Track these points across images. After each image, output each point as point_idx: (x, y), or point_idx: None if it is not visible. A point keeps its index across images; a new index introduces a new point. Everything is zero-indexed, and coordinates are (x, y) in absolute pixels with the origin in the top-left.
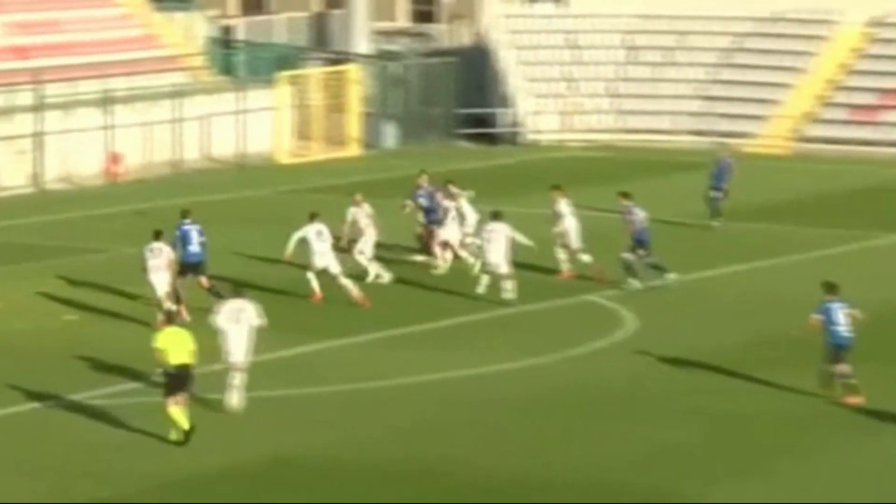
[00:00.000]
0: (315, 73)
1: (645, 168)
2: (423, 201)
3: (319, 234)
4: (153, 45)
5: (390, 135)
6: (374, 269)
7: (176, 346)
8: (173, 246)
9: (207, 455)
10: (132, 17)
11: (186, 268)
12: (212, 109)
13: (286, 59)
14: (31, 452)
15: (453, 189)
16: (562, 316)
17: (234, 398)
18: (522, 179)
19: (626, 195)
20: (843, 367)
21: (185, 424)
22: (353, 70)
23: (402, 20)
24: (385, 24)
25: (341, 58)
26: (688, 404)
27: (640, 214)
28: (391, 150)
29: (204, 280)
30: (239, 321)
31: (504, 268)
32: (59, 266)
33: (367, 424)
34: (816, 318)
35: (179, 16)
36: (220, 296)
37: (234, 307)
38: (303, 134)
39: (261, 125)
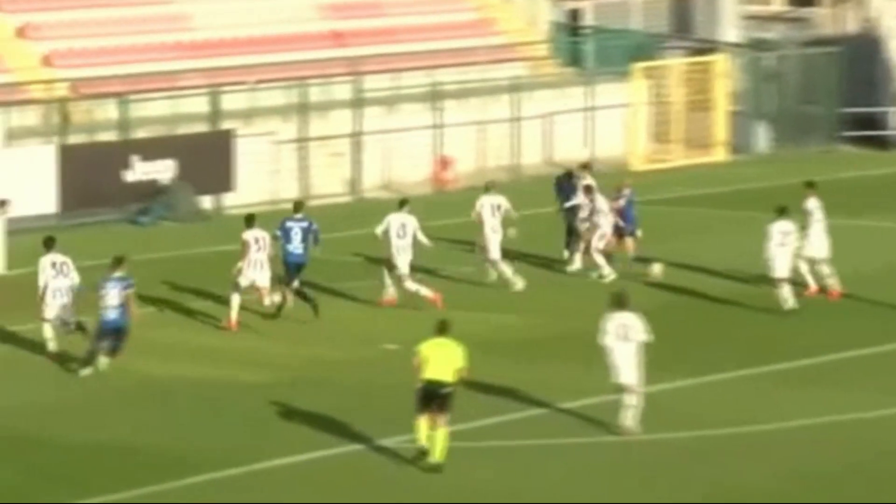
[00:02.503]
0: (675, 64)
1: None
2: (622, 202)
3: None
4: (488, 31)
5: (762, 137)
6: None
7: (439, 359)
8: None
9: None
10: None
11: (286, 266)
12: (555, 106)
13: (642, 47)
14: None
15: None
16: None
17: (629, 418)
18: None
19: None
20: None
21: (423, 441)
22: (719, 61)
23: (777, 3)
24: (757, 9)
25: (706, 47)
26: None
27: None
28: (763, 156)
29: (295, 283)
30: (626, 338)
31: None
32: (374, 288)
33: (758, 474)
34: None
35: None
36: (307, 299)
37: (620, 322)
38: (660, 136)
39: (611, 125)
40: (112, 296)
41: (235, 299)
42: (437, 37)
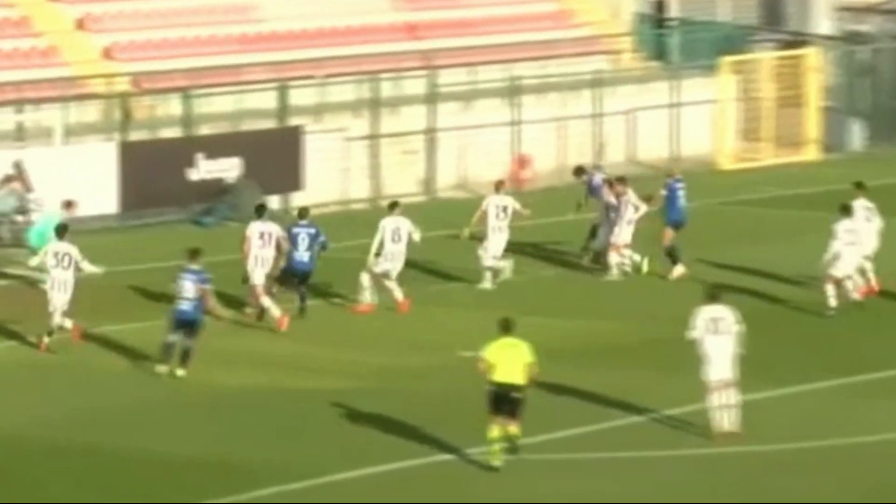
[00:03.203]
0: (765, 58)
1: None
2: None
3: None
4: (568, 23)
5: (856, 135)
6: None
7: (506, 360)
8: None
9: None
10: None
11: (291, 274)
12: (638, 102)
13: (730, 40)
14: None
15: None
16: None
17: (727, 420)
18: None
19: None
20: None
21: (497, 450)
22: (811, 55)
23: None
24: (851, 0)
25: (797, 40)
26: None
27: None
28: (857, 154)
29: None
30: (717, 331)
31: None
32: (447, 292)
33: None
34: None
35: None
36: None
37: (710, 315)
38: (749, 134)
39: (698, 122)
40: (186, 288)
41: (266, 301)
42: (515, 29)
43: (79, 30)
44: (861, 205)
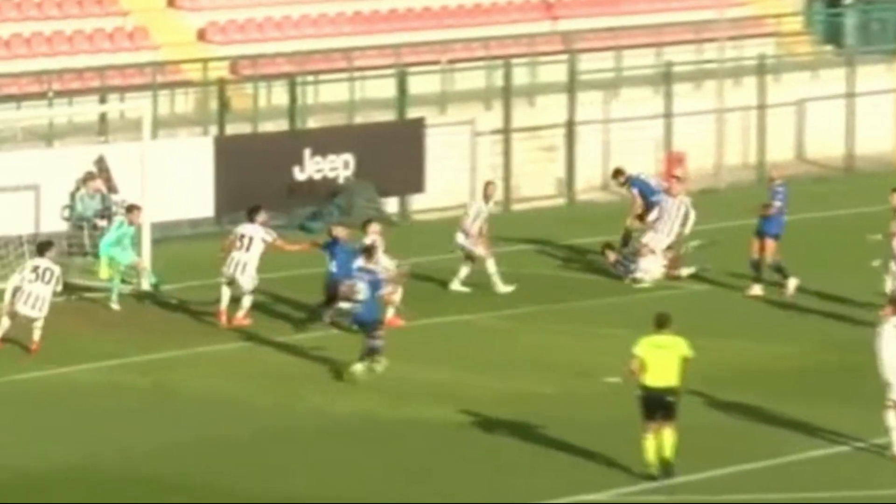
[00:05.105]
0: None
1: None
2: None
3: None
4: (729, 1)
5: None
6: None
7: (659, 361)
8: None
9: None
10: None
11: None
12: (809, 92)
13: None
14: None
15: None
16: None
17: None
18: None
19: None
20: None
21: (654, 461)
22: None
23: None
24: None
25: None
26: None
27: None
28: None
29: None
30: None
31: None
32: (599, 308)
33: None
34: None
35: None
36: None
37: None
38: None
39: (877, 115)
40: (360, 289)
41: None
42: (667, 7)
43: (170, 8)
44: None
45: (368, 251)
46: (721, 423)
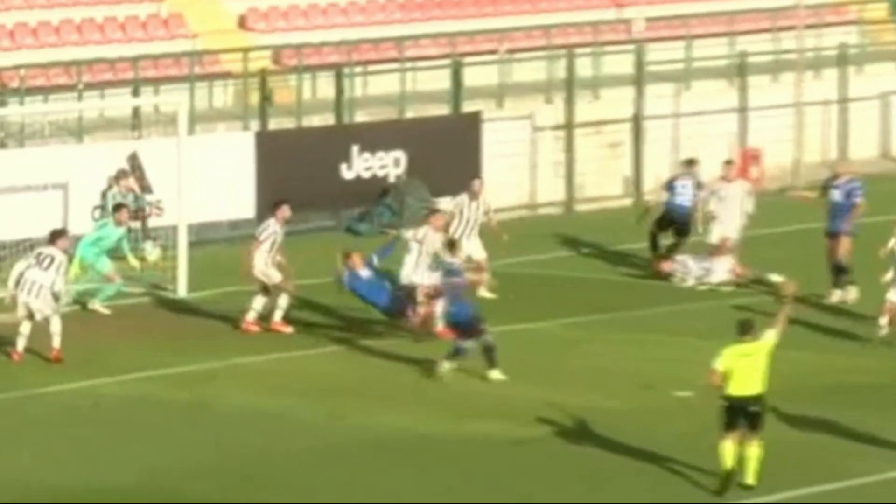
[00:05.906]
0: None
1: None
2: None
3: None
4: None
5: None
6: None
7: (744, 371)
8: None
9: None
10: None
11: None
12: (894, 85)
13: None
14: None
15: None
16: None
17: None
18: None
19: None
20: None
21: (730, 463)
22: None
23: None
24: None
25: None
26: None
27: None
28: None
29: None
30: None
31: None
32: (659, 317)
33: None
34: None
35: None
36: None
37: None
38: None
39: None
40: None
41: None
42: None
43: None
44: None
45: (452, 244)
46: (795, 440)
